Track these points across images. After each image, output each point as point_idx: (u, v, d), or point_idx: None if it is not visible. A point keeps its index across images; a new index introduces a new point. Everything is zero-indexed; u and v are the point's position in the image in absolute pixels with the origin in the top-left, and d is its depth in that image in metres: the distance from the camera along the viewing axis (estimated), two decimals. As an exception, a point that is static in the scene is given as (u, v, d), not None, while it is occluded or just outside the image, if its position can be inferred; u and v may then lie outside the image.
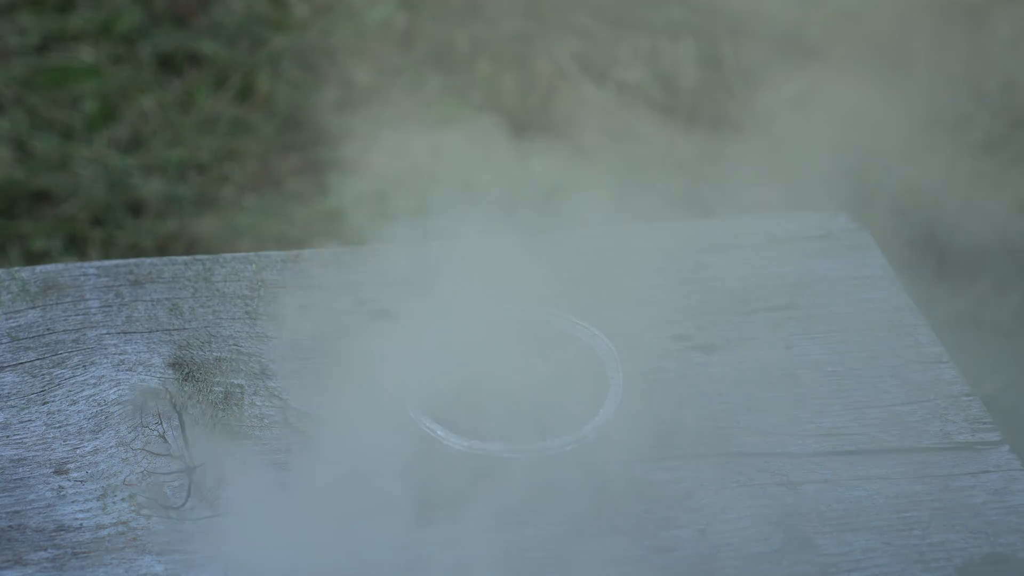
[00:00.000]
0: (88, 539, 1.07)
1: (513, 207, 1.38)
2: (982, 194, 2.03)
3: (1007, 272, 2.06)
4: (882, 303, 1.33)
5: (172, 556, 1.05)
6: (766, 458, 1.15)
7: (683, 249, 1.40)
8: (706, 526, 1.08)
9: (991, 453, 1.16)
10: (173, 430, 1.16)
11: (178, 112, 2.73)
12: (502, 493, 1.11)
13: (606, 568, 1.05)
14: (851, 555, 1.06)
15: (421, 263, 1.34)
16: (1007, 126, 1.99)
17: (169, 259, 1.36)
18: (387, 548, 1.06)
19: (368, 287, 1.33)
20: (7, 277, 1.34)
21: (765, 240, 1.41)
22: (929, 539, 1.08)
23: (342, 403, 1.17)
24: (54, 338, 1.26)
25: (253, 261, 1.37)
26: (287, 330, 1.28)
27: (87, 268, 1.35)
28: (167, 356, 1.24)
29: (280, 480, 1.11)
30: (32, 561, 1.05)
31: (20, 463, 1.13)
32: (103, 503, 1.10)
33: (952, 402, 1.21)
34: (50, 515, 1.09)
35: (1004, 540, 1.08)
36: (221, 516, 1.09)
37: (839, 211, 1.46)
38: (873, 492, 1.12)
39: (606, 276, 1.36)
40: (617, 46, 3.12)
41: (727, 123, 2.40)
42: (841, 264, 1.38)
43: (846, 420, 1.19)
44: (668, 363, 1.25)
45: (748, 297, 1.34)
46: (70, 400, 1.20)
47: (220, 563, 1.05)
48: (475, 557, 1.06)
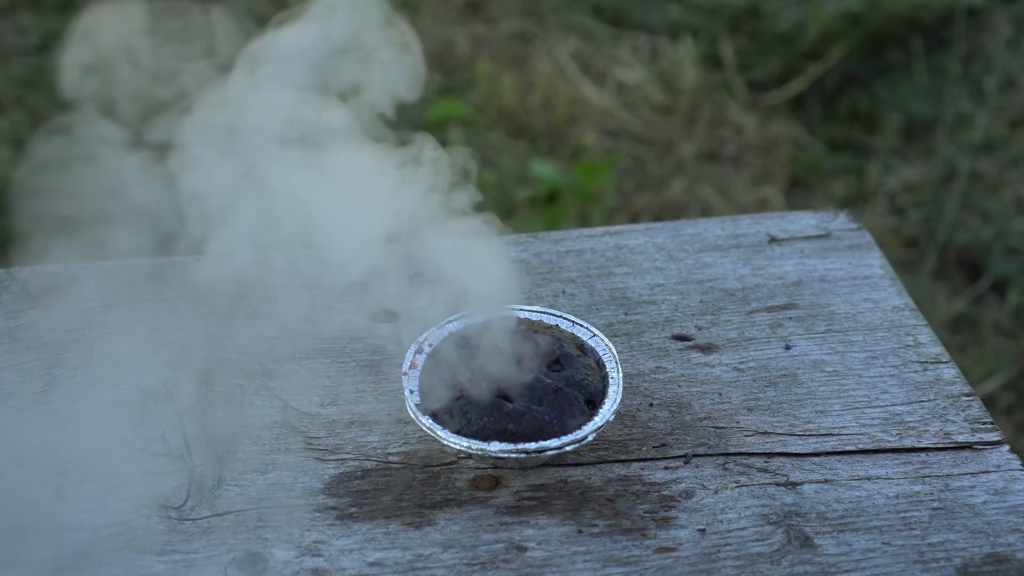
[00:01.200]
0: (88, 539, 1.07)
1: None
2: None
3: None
4: (882, 303, 1.33)
5: (172, 556, 1.05)
6: (766, 458, 1.15)
7: (683, 249, 1.40)
8: (706, 526, 1.08)
9: (991, 453, 1.16)
10: (173, 430, 1.16)
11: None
12: (502, 493, 1.11)
13: (606, 568, 1.05)
14: (851, 555, 1.06)
15: (421, 263, 1.34)
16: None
17: (169, 259, 1.36)
18: (388, 549, 1.06)
19: (368, 287, 1.33)
20: (7, 277, 1.34)
21: (765, 240, 1.42)
22: (929, 539, 1.08)
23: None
24: (54, 338, 1.26)
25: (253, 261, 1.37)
26: (287, 330, 1.28)
27: (87, 268, 1.35)
28: (167, 356, 1.24)
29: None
30: (32, 561, 1.05)
31: (20, 463, 1.13)
32: (103, 503, 1.10)
33: (952, 402, 1.21)
34: (50, 515, 1.09)
35: (1004, 540, 1.08)
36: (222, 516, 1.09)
37: (839, 211, 1.46)
38: (873, 492, 1.12)
39: (606, 276, 1.36)
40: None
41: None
42: (841, 264, 1.38)
43: (846, 420, 1.19)
44: (668, 363, 1.25)
45: (748, 297, 1.34)
46: (70, 400, 1.20)
47: (220, 563, 1.05)
48: (475, 557, 1.06)
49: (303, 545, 1.06)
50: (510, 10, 3.32)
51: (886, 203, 2.80)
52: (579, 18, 3.29)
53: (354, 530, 1.08)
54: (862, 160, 2.90)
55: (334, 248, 1.20)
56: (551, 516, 1.09)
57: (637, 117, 3.03)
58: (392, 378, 1.22)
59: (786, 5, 3.27)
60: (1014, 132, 2.94)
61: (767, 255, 1.39)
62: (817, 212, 1.46)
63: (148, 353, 1.24)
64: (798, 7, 3.24)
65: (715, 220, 1.45)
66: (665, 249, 1.40)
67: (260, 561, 1.05)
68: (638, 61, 3.15)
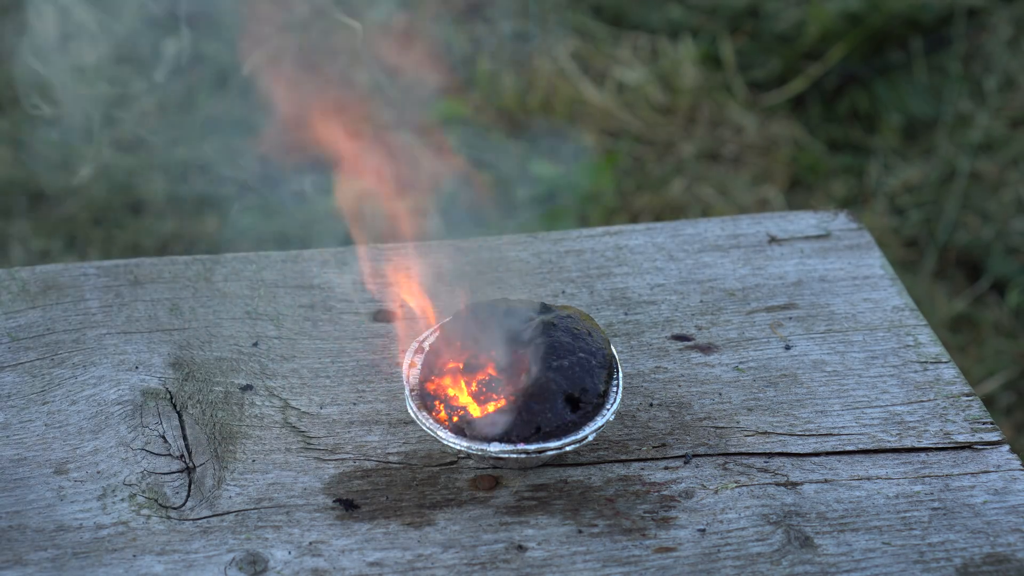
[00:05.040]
0: (88, 539, 1.07)
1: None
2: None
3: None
4: (882, 303, 1.33)
5: (172, 556, 1.05)
6: (766, 458, 1.15)
7: (683, 249, 1.40)
8: (706, 526, 1.08)
9: (991, 453, 1.16)
10: (173, 430, 1.16)
11: (178, 112, 2.73)
12: (502, 493, 1.11)
13: (606, 568, 1.05)
14: (851, 555, 1.06)
15: (421, 263, 1.34)
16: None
17: (169, 259, 1.37)
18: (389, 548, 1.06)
19: (368, 286, 1.33)
20: (7, 277, 1.34)
21: (765, 240, 1.42)
22: (929, 539, 1.08)
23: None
24: (54, 338, 1.26)
25: (253, 261, 1.37)
26: (287, 330, 1.28)
27: (87, 268, 1.35)
28: (167, 356, 1.24)
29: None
30: (32, 561, 1.05)
31: (20, 463, 1.13)
32: (103, 503, 1.10)
33: (952, 402, 1.21)
34: (50, 515, 1.09)
35: (1004, 540, 1.08)
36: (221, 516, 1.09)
37: (839, 211, 1.46)
38: (873, 492, 1.12)
39: (606, 276, 1.36)
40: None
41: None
42: (841, 264, 1.38)
43: (846, 420, 1.19)
44: (668, 363, 1.25)
45: (748, 297, 1.34)
46: (70, 400, 1.20)
47: (220, 563, 1.05)
48: (475, 557, 1.06)
49: (303, 545, 1.06)
50: (510, 10, 3.32)
51: (886, 203, 2.80)
52: (579, 18, 3.29)
53: (354, 530, 1.08)
54: (862, 160, 2.90)
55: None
56: (551, 516, 1.09)
57: (637, 117, 3.03)
58: (392, 378, 1.22)
59: (786, 5, 3.27)
60: (1014, 132, 2.94)
61: (767, 255, 1.39)
62: (817, 212, 1.46)
63: (148, 353, 1.24)
64: (798, 7, 3.24)
65: (715, 220, 1.45)
66: (665, 249, 1.40)
67: (260, 561, 1.05)
68: (638, 61, 3.15)
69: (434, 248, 1.37)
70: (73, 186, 2.53)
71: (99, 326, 1.28)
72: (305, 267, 1.36)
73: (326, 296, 1.32)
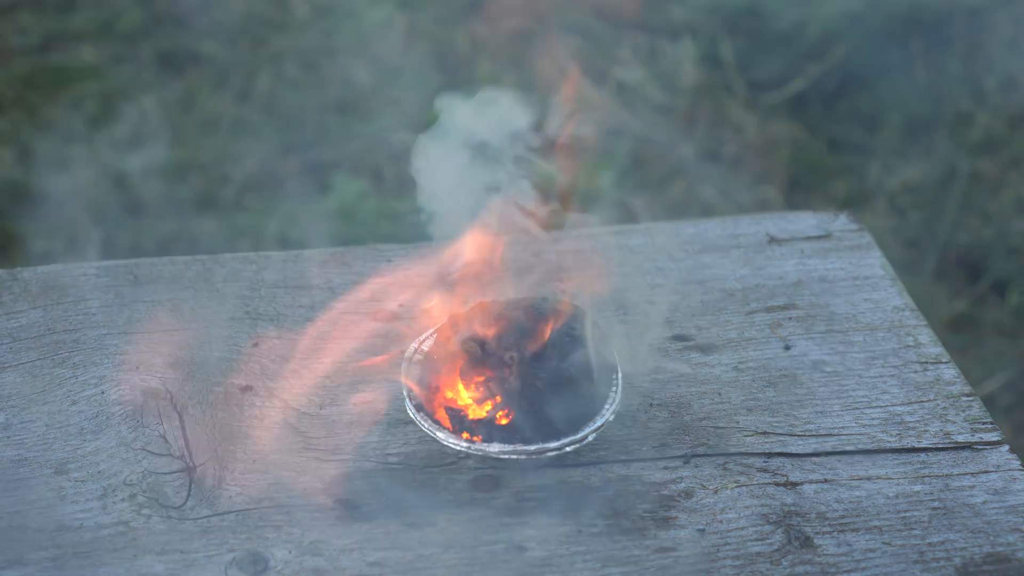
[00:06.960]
0: (88, 539, 1.07)
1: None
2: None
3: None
4: (882, 303, 1.33)
5: (172, 556, 1.05)
6: (766, 458, 1.15)
7: (683, 249, 1.40)
8: (706, 526, 1.08)
9: (991, 453, 1.16)
10: (173, 430, 1.16)
11: (178, 112, 2.74)
12: (502, 493, 1.11)
13: (606, 568, 1.05)
14: (851, 555, 1.06)
15: (420, 263, 1.34)
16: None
17: (169, 259, 1.37)
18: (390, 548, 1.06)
19: (368, 287, 1.33)
20: (8, 277, 1.34)
21: (765, 240, 1.42)
22: (929, 539, 1.08)
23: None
24: (55, 338, 1.27)
25: (253, 261, 1.37)
26: (287, 330, 1.28)
27: (87, 268, 1.35)
28: (167, 356, 1.24)
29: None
30: (32, 561, 1.05)
31: (20, 463, 1.13)
32: (103, 503, 1.10)
33: (952, 402, 1.21)
34: (50, 515, 1.09)
35: (1004, 540, 1.08)
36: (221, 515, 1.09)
37: (839, 212, 1.46)
38: (873, 492, 1.12)
39: (606, 276, 1.36)
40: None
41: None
42: (841, 264, 1.38)
43: (846, 420, 1.19)
44: (668, 363, 1.25)
45: (748, 297, 1.34)
46: (70, 400, 1.20)
47: (220, 563, 1.05)
48: (475, 557, 1.06)
49: (303, 545, 1.06)
50: (510, 10, 3.32)
51: (886, 203, 2.80)
52: (579, 18, 3.29)
53: (354, 530, 1.08)
54: (862, 160, 2.90)
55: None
56: (551, 516, 1.09)
57: (637, 117, 3.03)
58: (392, 378, 1.22)
59: (786, 5, 3.26)
60: (1014, 132, 2.94)
61: (767, 255, 1.39)
62: (817, 212, 1.46)
63: (148, 353, 1.24)
64: (798, 7, 3.24)
65: (715, 220, 1.45)
66: (665, 249, 1.40)
67: (260, 561, 1.05)
68: (638, 61, 3.15)
69: (434, 248, 1.37)
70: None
71: (100, 326, 1.28)
72: (305, 267, 1.36)
73: (326, 296, 1.32)
